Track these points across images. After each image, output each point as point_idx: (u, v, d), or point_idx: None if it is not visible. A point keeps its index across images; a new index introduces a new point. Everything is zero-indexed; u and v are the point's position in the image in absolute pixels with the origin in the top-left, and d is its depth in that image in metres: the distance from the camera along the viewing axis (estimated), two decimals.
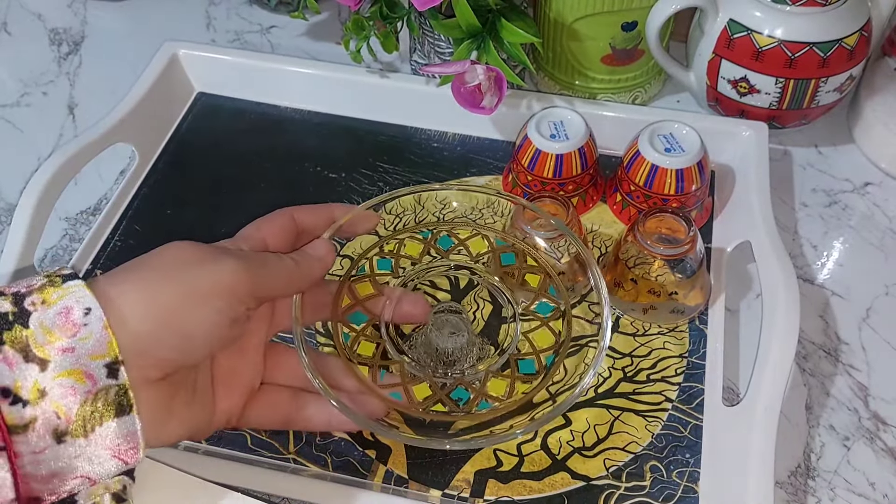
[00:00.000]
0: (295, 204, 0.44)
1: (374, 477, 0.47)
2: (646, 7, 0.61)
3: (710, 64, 0.62)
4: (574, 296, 0.52)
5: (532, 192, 0.58)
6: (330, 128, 0.67)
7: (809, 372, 0.53)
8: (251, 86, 0.69)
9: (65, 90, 0.74)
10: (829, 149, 0.66)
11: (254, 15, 0.80)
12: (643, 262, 0.52)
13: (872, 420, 0.51)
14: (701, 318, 0.54)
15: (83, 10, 0.82)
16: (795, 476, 0.48)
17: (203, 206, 0.62)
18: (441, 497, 0.47)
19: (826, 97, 0.61)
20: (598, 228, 0.59)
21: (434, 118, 0.66)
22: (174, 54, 0.68)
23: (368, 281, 0.51)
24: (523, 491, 0.47)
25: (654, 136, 0.57)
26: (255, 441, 0.49)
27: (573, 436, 0.49)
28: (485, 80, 0.56)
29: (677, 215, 0.52)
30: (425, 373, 0.50)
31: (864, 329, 0.55)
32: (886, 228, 0.61)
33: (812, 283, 0.57)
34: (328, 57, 0.71)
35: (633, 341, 0.53)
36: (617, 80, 0.67)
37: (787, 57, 0.59)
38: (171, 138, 0.67)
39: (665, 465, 0.47)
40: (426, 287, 0.55)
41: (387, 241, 0.54)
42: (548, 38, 0.65)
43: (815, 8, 0.58)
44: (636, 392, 0.50)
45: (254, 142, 0.66)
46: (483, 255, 0.54)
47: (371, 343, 0.52)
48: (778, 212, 0.57)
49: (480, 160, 0.64)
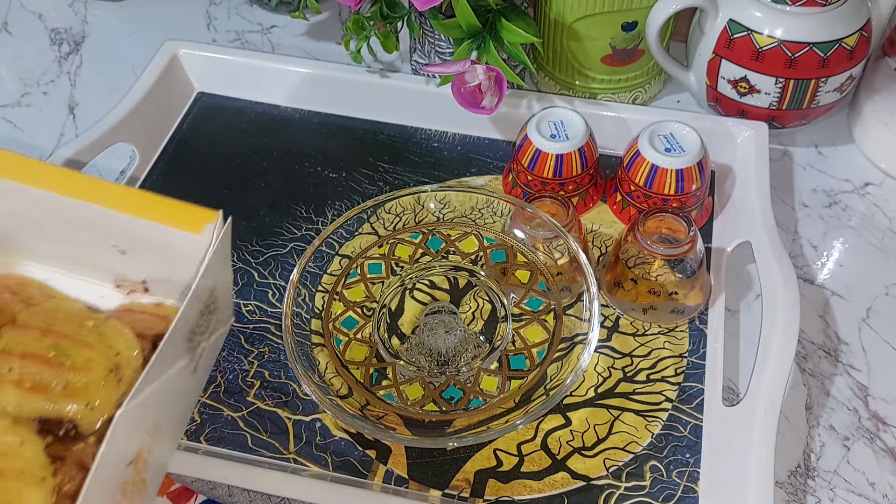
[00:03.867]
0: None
1: (374, 477, 0.47)
2: (646, 7, 0.61)
3: (710, 64, 0.62)
4: (571, 296, 0.53)
5: (532, 192, 0.58)
6: (330, 128, 0.67)
7: (809, 372, 0.53)
8: (251, 86, 0.69)
9: (65, 90, 0.74)
10: (829, 149, 0.66)
11: (254, 15, 0.80)
12: (643, 262, 0.52)
13: (872, 420, 0.51)
14: (701, 318, 0.54)
15: (84, 9, 0.82)
16: (795, 476, 0.48)
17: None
18: (441, 497, 0.47)
19: (826, 97, 0.61)
20: (598, 228, 0.59)
21: (434, 118, 0.66)
22: (174, 54, 0.68)
23: (361, 284, 0.51)
24: (523, 491, 0.47)
25: (654, 136, 0.57)
26: (255, 441, 0.49)
27: (573, 436, 0.49)
28: (485, 80, 0.56)
29: (677, 215, 0.52)
30: (419, 374, 0.50)
31: (864, 329, 0.55)
32: (886, 228, 0.61)
33: (812, 283, 0.57)
34: (328, 57, 0.71)
35: (633, 341, 0.53)
36: (617, 80, 0.67)
37: (787, 57, 0.59)
38: (172, 138, 0.67)
39: (665, 465, 0.47)
40: (425, 287, 0.55)
41: (380, 243, 0.54)
42: (548, 38, 0.65)
43: (815, 8, 0.58)
44: (636, 392, 0.51)
45: (254, 142, 0.66)
46: (473, 254, 0.55)
47: (363, 346, 0.52)
48: (778, 212, 0.57)
49: (480, 160, 0.64)
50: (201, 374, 0.49)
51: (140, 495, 0.43)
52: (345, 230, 0.55)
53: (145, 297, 0.50)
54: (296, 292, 0.51)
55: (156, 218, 0.45)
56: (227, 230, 0.46)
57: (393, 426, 0.48)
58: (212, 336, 0.49)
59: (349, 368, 0.51)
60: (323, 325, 0.53)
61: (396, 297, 0.55)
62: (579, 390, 0.51)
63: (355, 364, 0.51)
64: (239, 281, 0.57)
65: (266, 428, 0.49)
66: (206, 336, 0.47)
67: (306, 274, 0.53)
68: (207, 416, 0.50)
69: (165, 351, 0.42)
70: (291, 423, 0.50)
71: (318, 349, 0.52)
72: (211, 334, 0.48)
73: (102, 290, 0.51)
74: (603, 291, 0.55)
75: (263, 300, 0.56)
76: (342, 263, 0.55)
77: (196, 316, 0.45)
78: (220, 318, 0.49)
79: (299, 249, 0.58)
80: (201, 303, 0.45)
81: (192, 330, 0.45)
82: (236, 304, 0.55)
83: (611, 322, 0.54)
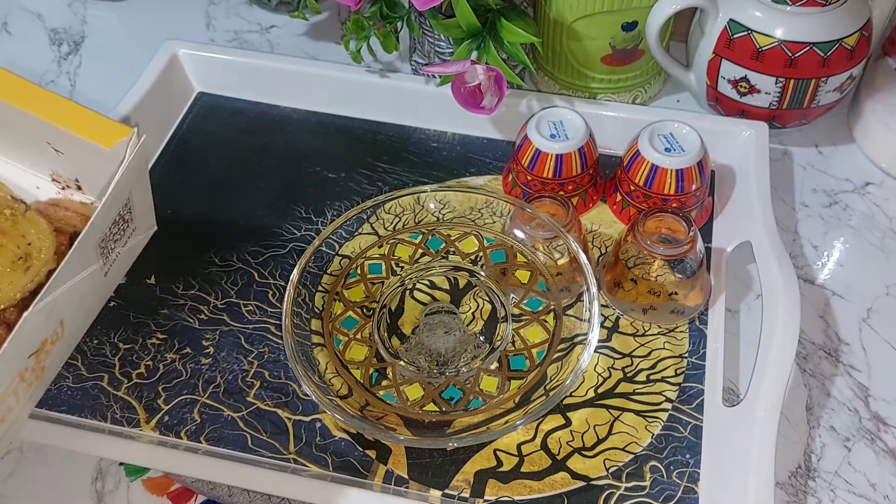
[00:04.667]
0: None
1: (374, 477, 0.47)
2: (646, 7, 0.61)
3: (710, 64, 0.62)
4: (570, 296, 0.53)
5: (532, 192, 0.58)
6: (329, 128, 0.67)
7: (810, 372, 0.53)
8: (251, 86, 0.69)
9: (65, 90, 0.74)
10: (830, 149, 0.66)
11: (254, 15, 0.80)
12: (643, 263, 0.51)
13: (873, 421, 0.50)
14: (701, 318, 0.54)
15: (83, 9, 0.82)
16: (796, 477, 0.48)
17: (203, 205, 0.62)
18: (441, 497, 0.47)
19: (826, 97, 0.61)
20: (598, 228, 0.59)
21: (434, 118, 0.66)
22: (174, 54, 0.68)
23: (361, 284, 0.51)
24: (523, 491, 0.47)
25: (654, 135, 0.57)
26: (255, 441, 0.49)
27: (573, 436, 0.49)
28: (485, 80, 0.56)
29: (677, 215, 0.52)
30: (419, 374, 0.50)
31: (865, 329, 0.55)
32: (887, 228, 0.61)
33: (812, 284, 0.57)
34: (328, 57, 0.71)
35: (632, 341, 0.53)
36: (617, 80, 0.67)
37: (788, 57, 0.59)
38: (171, 138, 0.67)
39: (665, 466, 0.47)
40: (425, 287, 0.55)
41: (380, 243, 0.54)
42: (548, 37, 0.65)
43: (816, 8, 0.58)
44: (636, 392, 0.50)
45: (254, 142, 0.66)
46: (473, 254, 0.55)
47: (363, 346, 0.52)
48: (778, 212, 0.57)
49: (480, 160, 0.64)
50: (113, 276, 0.52)
51: (38, 381, 0.48)
52: (344, 230, 0.55)
53: (77, 194, 0.54)
54: (296, 292, 0.51)
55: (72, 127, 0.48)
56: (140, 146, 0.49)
57: (393, 426, 0.48)
58: (127, 243, 0.51)
59: (349, 368, 0.51)
60: (323, 325, 0.53)
61: (396, 298, 0.55)
62: (579, 391, 0.51)
63: (355, 364, 0.51)
64: (239, 281, 0.57)
65: (266, 428, 0.49)
66: (120, 242, 0.50)
67: (306, 274, 0.53)
68: (207, 416, 0.50)
69: (75, 256, 0.45)
70: (291, 424, 0.50)
71: (318, 349, 0.52)
72: (126, 241, 0.51)
73: (39, 181, 0.55)
74: (603, 292, 0.55)
75: (263, 300, 0.56)
76: (342, 263, 0.55)
77: (108, 224, 0.48)
78: (136, 227, 0.52)
79: (299, 249, 0.58)
80: (114, 212, 0.48)
81: (103, 238, 0.48)
82: (236, 303, 0.55)
83: (611, 322, 0.54)
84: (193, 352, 0.53)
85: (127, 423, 0.50)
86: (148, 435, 0.49)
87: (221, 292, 0.56)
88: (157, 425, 0.50)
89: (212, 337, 0.54)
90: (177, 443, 0.49)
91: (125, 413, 0.50)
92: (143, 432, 0.49)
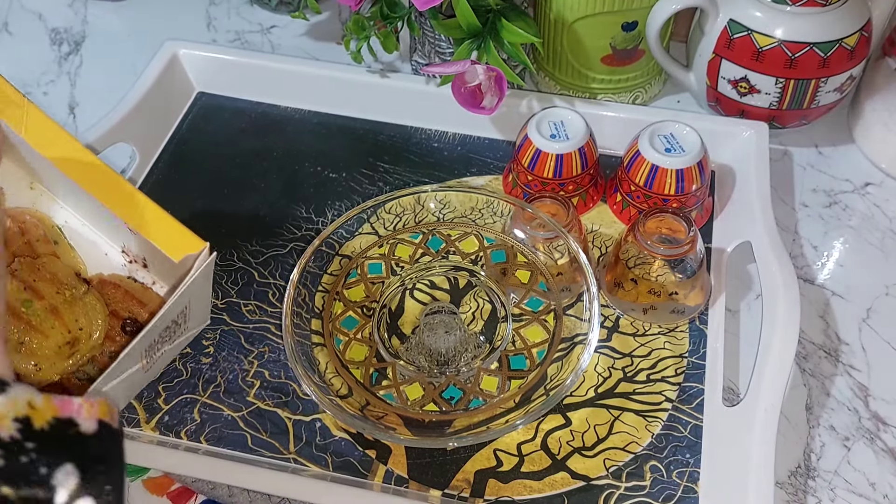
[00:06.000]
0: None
1: (374, 477, 0.47)
2: (646, 7, 0.61)
3: (710, 64, 0.62)
4: (571, 296, 0.53)
5: (532, 193, 0.58)
6: (330, 128, 0.67)
7: (809, 372, 0.53)
8: (251, 86, 0.69)
9: (65, 90, 0.74)
10: (829, 149, 0.66)
11: (254, 15, 0.80)
12: (643, 262, 0.52)
13: (873, 420, 0.50)
14: (701, 318, 0.54)
15: (83, 9, 0.82)
16: (795, 476, 0.48)
17: (203, 205, 0.62)
18: (441, 497, 0.47)
19: (826, 97, 0.61)
20: (598, 228, 0.59)
21: (434, 118, 0.66)
22: (174, 54, 0.68)
23: (361, 284, 0.51)
24: (523, 491, 0.47)
25: (654, 136, 0.57)
26: (256, 441, 0.49)
27: (573, 436, 0.49)
28: (485, 80, 0.56)
29: (677, 215, 0.52)
30: (419, 374, 0.50)
31: (865, 329, 0.55)
32: (886, 229, 0.61)
33: (812, 284, 0.57)
34: (328, 57, 0.71)
35: (633, 341, 0.53)
36: (617, 80, 0.67)
37: (788, 57, 0.59)
38: (171, 138, 0.67)
39: (665, 465, 0.47)
40: (425, 287, 0.55)
41: (380, 243, 0.54)
42: (548, 38, 0.65)
43: (816, 8, 0.58)
44: (636, 392, 0.50)
45: (254, 142, 0.66)
46: (473, 254, 0.55)
47: (363, 346, 0.52)
48: (778, 212, 0.57)
49: (480, 160, 0.64)
50: (155, 370, 0.51)
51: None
52: (345, 230, 0.55)
53: (142, 271, 0.53)
54: (296, 292, 0.51)
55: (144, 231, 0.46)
56: (209, 263, 0.47)
57: (393, 426, 0.48)
58: (175, 341, 0.50)
59: (349, 368, 0.51)
60: (323, 325, 0.53)
61: (397, 297, 0.55)
62: (579, 390, 0.51)
63: (355, 364, 0.51)
64: (239, 281, 0.57)
65: (266, 428, 0.49)
66: (168, 342, 0.49)
67: (306, 274, 0.53)
68: (207, 416, 0.50)
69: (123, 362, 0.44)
70: (291, 423, 0.50)
71: (318, 349, 0.52)
72: (174, 340, 0.50)
73: (110, 249, 0.53)
74: (603, 291, 0.55)
75: (263, 300, 0.56)
76: (342, 263, 0.55)
77: (159, 331, 0.46)
78: (188, 326, 0.51)
79: (299, 249, 0.58)
80: (168, 320, 0.47)
81: (152, 343, 0.46)
82: (236, 303, 0.55)
83: (611, 322, 0.54)
84: (193, 351, 0.53)
85: (127, 423, 0.50)
86: (148, 435, 0.49)
87: (221, 292, 0.56)
88: (157, 425, 0.50)
89: (212, 336, 0.54)
90: (177, 443, 0.49)
91: (125, 413, 0.50)
92: (142, 432, 0.49)
